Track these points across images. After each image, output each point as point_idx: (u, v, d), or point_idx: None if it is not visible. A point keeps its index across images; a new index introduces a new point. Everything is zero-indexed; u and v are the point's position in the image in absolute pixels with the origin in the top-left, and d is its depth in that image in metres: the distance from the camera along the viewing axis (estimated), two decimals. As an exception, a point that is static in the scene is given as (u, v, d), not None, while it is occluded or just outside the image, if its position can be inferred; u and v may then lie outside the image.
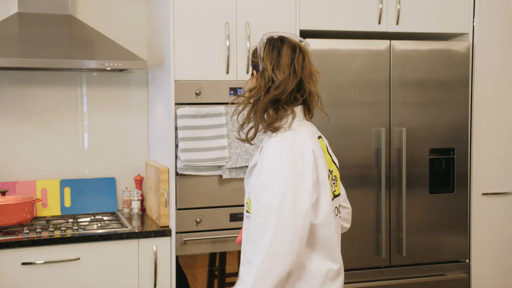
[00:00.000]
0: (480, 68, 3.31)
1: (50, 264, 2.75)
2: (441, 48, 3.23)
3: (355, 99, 3.11)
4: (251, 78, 1.84)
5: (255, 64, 1.82)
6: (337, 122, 3.08)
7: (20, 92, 3.31)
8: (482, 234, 3.36)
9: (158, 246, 2.91)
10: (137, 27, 3.49)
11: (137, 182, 3.42)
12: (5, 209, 2.92)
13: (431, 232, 3.25)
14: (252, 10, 3.01)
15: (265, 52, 1.77)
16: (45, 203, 3.28)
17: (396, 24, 3.20)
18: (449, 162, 3.27)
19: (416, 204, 3.22)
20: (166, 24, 2.97)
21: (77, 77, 3.41)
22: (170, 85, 2.91)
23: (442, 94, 3.23)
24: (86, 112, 3.43)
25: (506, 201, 3.40)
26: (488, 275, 3.38)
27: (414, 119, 3.20)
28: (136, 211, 3.32)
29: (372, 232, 3.17)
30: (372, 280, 3.16)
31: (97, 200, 3.39)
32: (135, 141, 3.52)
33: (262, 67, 1.77)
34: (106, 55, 2.99)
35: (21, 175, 3.31)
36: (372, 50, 3.12)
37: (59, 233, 2.82)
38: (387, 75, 3.15)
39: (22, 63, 2.85)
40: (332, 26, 3.14)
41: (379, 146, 3.13)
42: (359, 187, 3.13)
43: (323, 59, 3.05)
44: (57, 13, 3.16)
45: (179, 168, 2.90)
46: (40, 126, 3.35)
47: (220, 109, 2.93)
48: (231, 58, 2.98)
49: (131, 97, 3.50)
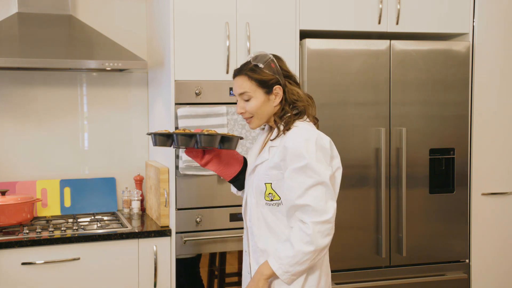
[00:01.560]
0: (480, 68, 3.31)
1: (50, 264, 2.75)
2: (441, 48, 3.23)
3: (355, 99, 3.11)
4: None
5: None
6: (337, 122, 3.08)
7: (20, 92, 3.31)
8: (482, 234, 3.36)
9: (158, 246, 2.91)
10: (137, 27, 3.49)
11: (137, 182, 3.42)
12: (5, 209, 2.92)
13: (431, 232, 3.25)
14: (252, 10, 3.01)
15: None
16: (45, 203, 3.28)
17: (396, 24, 3.20)
18: (449, 162, 3.27)
19: (416, 204, 3.22)
20: (166, 24, 2.97)
21: (77, 77, 3.41)
22: (170, 85, 2.91)
23: (442, 94, 3.23)
24: (86, 112, 3.43)
25: (506, 201, 3.40)
26: (488, 275, 3.38)
27: (414, 119, 3.20)
28: (136, 211, 3.32)
29: (372, 232, 3.17)
30: (372, 280, 3.16)
31: (97, 200, 3.39)
32: (135, 141, 3.52)
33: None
34: (106, 55, 2.99)
35: (21, 175, 3.31)
36: (372, 50, 3.12)
37: (59, 233, 2.82)
38: (387, 75, 3.15)
39: (22, 63, 2.85)
40: (332, 26, 3.14)
41: (379, 146, 3.13)
42: (359, 187, 3.13)
43: (323, 59, 3.05)
44: (57, 13, 3.16)
45: (181, 168, 2.90)
46: (40, 126, 3.35)
47: (222, 109, 2.93)
48: (231, 58, 2.98)
49: (131, 97, 3.50)
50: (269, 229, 2.04)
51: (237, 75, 2.07)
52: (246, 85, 2.03)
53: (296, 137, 1.97)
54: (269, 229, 2.04)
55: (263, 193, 2.04)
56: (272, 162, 2.02)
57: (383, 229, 3.14)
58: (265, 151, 2.08)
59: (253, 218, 2.08)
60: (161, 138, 2.10)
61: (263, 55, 2.05)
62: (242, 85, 2.04)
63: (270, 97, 2.03)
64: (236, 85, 2.07)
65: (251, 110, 2.04)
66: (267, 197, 2.03)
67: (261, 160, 2.07)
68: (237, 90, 2.07)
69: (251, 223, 2.10)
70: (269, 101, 2.03)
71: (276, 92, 2.03)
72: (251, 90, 2.02)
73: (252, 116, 2.06)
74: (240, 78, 2.05)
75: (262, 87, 2.02)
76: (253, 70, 2.03)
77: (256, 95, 2.02)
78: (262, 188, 2.04)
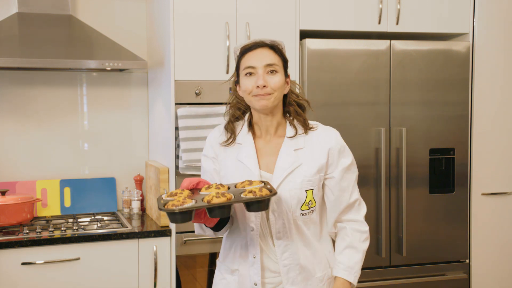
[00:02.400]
0: (480, 68, 3.31)
1: (50, 264, 2.75)
2: (441, 48, 3.23)
3: (355, 99, 3.11)
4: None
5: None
6: (337, 122, 3.07)
7: (20, 92, 3.31)
8: (482, 234, 3.36)
9: (158, 246, 2.91)
10: (137, 27, 3.49)
11: (137, 182, 3.42)
12: (5, 209, 2.92)
13: (431, 232, 3.25)
14: (252, 10, 3.01)
15: None
16: (45, 203, 3.28)
17: (396, 24, 3.20)
18: (449, 162, 3.27)
19: (416, 204, 3.21)
20: (166, 24, 2.97)
21: (77, 77, 3.41)
22: (170, 85, 2.91)
23: (442, 94, 3.23)
24: (86, 112, 3.43)
25: (506, 201, 3.40)
26: (488, 275, 3.38)
27: (414, 119, 3.20)
28: (136, 211, 3.32)
29: (372, 232, 3.16)
30: (372, 280, 3.16)
31: (97, 200, 3.39)
32: (135, 141, 3.52)
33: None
34: (106, 55, 2.99)
35: (21, 175, 3.31)
36: (372, 50, 3.12)
37: (59, 233, 2.82)
38: (387, 75, 3.15)
39: (22, 63, 2.85)
40: (332, 26, 3.14)
41: (379, 146, 3.13)
42: (359, 187, 3.11)
43: (323, 59, 3.05)
44: (57, 13, 3.16)
45: (181, 168, 2.90)
46: (40, 126, 3.35)
47: (222, 109, 2.93)
48: (231, 58, 2.98)
49: (131, 97, 3.50)
50: (305, 243, 1.84)
51: (261, 46, 1.82)
52: (274, 57, 1.81)
53: (331, 134, 1.86)
54: (306, 243, 1.84)
55: (301, 203, 1.81)
56: (316, 165, 1.82)
57: (383, 229, 3.14)
58: (289, 156, 1.83)
59: (284, 235, 1.82)
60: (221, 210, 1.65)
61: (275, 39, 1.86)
62: (270, 56, 1.80)
63: (285, 81, 1.84)
64: (261, 55, 1.80)
65: (275, 85, 1.78)
66: (305, 206, 1.82)
67: (293, 166, 1.82)
68: (264, 60, 1.79)
69: (282, 242, 1.82)
70: (284, 84, 1.83)
71: (287, 80, 1.86)
72: (278, 64, 1.80)
73: (272, 93, 1.78)
74: (265, 49, 1.81)
75: (284, 67, 1.84)
76: (278, 46, 1.84)
77: (281, 72, 1.81)
78: (302, 197, 1.81)
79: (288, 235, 1.82)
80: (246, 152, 1.85)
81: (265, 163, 1.85)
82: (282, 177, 1.81)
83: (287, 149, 1.83)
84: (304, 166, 1.81)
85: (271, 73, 1.78)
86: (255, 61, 1.79)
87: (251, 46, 1.82)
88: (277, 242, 1.82)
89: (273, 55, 1.81)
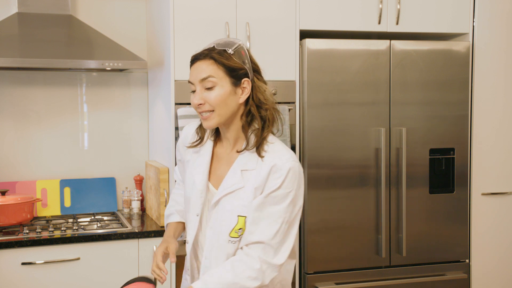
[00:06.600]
0: (480, 68, 3.31)
1: (50, 264, 2.75)
2: (441, 48, 3.23)
3: (355, 99, 3.11)
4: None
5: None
6: (337, 122, 3.07)
7: (20, 92, 3.31)
8: (482, 234, 3.36)
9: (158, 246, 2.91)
10: (137, 27, 3.49)
11: (137, 182, 3.43)
12: (5, 209, 2.92)
13: (431, 232, 3.25)
14: (252, 10, 3.01)
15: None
16: (45, 203, 3.29)
17: (396, 24, 3.20)
18: (449, 162, 3.27)
19: (416, 204, 3.21)
20: (166, 24, 2.97)
21: (77, 77, 3.41)
22: (170, 85, 2.91)
23: (442, 94, 3.23)
24: (86, 112, 3.43)
25: (506, 201, 3.40)
26: (488, 275, 3.38)
27: (414, 119, 3.19)
28: (136, 211, 3.32)
29: (372, 232, 3.17)
30: (372, 280, 3.16)
31: (97, 200, 3.39)
32: (135, 141, 3.52)
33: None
34: (106, 55, 2.99)
35: (21, 175, 3.31)
36: (372, 50, 3.12)
37: (59, 233, 2.82)
38: (387, 75, 3.15)
39: (22, 63, 2.85)
40: (332, 26, 3.14)
41: (379, 146, 3.13)
42: (359, 187, 3.13)
43: (323, 59, 3.05)
44: (57, 13, 3.16)
45: (179, 168, 2.90)
46: (40, 126, 3.35)
47: (220, 109, 2.92)
48: (231, 58, 2.98)
49: (131, 97, 3.50)
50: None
51: (199, 59, 1.66)
52: (211, 69, 1.63)
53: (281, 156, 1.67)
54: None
55: (230, 229, 1.67)
56: (253, 190, 1.66)
57: (383, 229, 3.14)
58: (235, 175, 1.69)
59: (211, 256, 1.72)
60: None
61: (230, 41, 1.68)
62: (206, 69, 1.63)
63: (237, 90, 1.66)
64: (196, 70, 1.65)
65: (213, 102, 1.63)
66: (235, 233, 1.66)
67: (234, 187, 1.68)
68: (198, 76, 1.64)
69: (208, 262, 1.73)
70: (235, 95, 1.66)
71: (244, 86, 1.67)
72: (217, 76, 1.63)
73: (213, 110, 1.65)
74: (203, 62, 1.65)
75: (230, 76, 1.64)
76: (221, 54, 1.64)
77: (222, 84, 1.63)
78: (231, 222, 1.67)
79: (213, 259, 1.72)
80: (199, 162, 1.78)
81: (216, 176, 1.76)
82: (219, 196, 1.70)
83: (236, 167, 1.70)
84: (246, 189, 1.66)
85: (208, 89, 1.64)
86: (192, 77, 1.68)
87: (192, 59, 1.69)
88: (205, 261, 1.75)
89: (211, 66, 1.63)
